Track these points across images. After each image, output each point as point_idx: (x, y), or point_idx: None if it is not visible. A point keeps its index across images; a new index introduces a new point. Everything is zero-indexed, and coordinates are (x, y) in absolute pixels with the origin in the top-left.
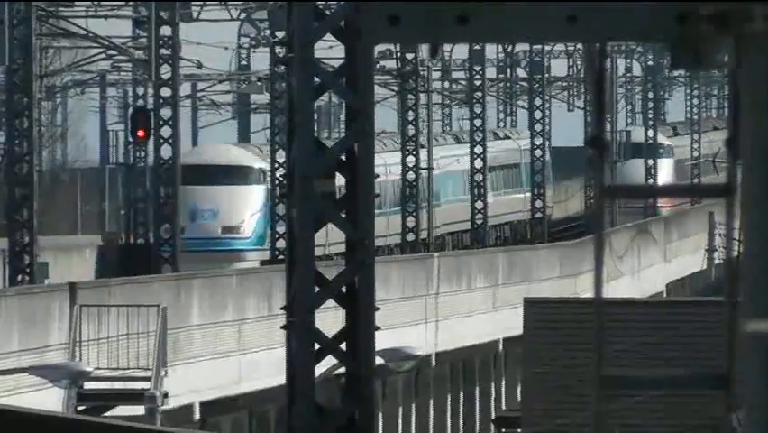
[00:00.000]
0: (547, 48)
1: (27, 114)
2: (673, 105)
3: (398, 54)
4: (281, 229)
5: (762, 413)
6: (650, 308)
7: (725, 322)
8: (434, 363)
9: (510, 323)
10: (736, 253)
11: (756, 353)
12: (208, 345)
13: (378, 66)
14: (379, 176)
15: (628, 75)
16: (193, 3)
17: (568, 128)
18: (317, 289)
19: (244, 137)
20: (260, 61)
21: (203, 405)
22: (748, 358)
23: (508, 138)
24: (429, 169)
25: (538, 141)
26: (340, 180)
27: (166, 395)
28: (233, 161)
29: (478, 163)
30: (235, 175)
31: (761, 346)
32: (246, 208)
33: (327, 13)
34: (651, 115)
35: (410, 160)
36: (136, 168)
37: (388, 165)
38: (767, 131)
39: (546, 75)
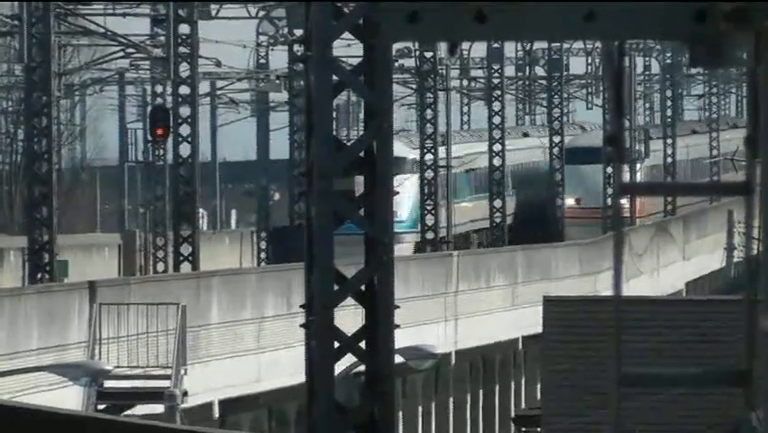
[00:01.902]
0: (566, 46)
1: (46, 112)
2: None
3: (417, 52)
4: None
5: None
6: (669, 306)
7: (744, 320)
8: (453, 361)
9: (530, 321)
10: (755, 252)
11: None
12: (227, 344)
13: (396, 64)
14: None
15: (647, 73)
16: (211, 0)
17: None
18: (336, 287)
19: (263, 135)
20: (279, 59)
21: (222, 403)
22: (766, 356)
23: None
24: (448, 167)
25: (557, 139)
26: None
27: (185, 393)
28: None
29: (497, 161)
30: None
31: None
32: (402, 195)
33: (346, 11)
34: (669, 114)
35: (429, 157)
36: (155, 166)
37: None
38: None
39: (565, 73)
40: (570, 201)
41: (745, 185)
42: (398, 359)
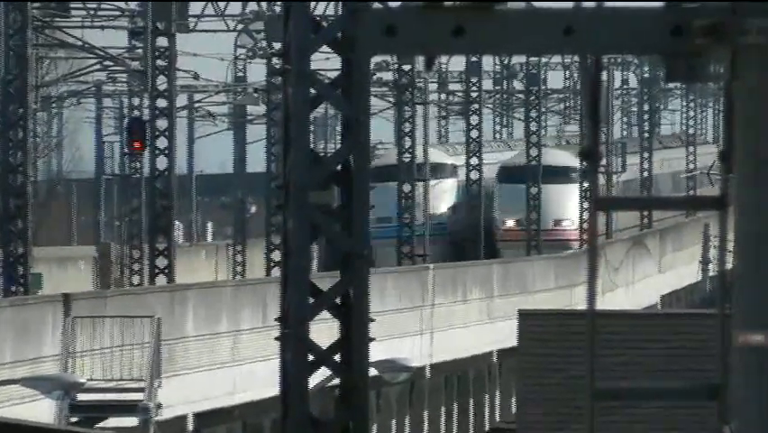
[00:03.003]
0: (544, 60)
1: (22, 124)
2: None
3: (395, 66)
4: None
5: (754, 424)
6: (644, 319)
7: (718, 335)
8: (428, 374)
9: (505, 335)
10: (728, 266)
11: (748, 365)
12: (203, 357)
13: (374, 78)
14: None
15: (625, 87)
16: (190, 13)
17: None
18: (312, 300)
19: (240, 148)
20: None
21: (197, 416)
22: (740, 370)
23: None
24: (426, 180)
25: (534, 152)
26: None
27: (159, 406)
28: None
29: (474, 175)
30: (438, 171)
31: (752, 358)
32: (442, 198)
33: (324, 24)
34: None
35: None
36: (132, 179)
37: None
38: (759, 144)
39: (543, 87)
40: (510, 222)
41: (719, 199)
42: (373, 372)
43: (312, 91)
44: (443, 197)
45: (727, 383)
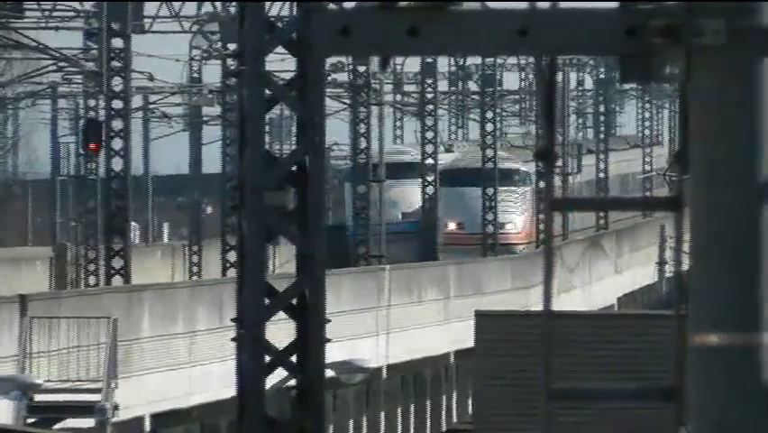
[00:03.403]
0: (499, 61)
1: None
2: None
3: (350, 67)
4: None
5: (710, 426)
6: (601, 320)
7: (674, 336)
8: (385, 375)
9: (462, 336)
10: (684, 267)
11: (703, 366)
12: (159, 357)
13: (330, 79)
14: None
15: (580, 88)
16: (145, 14)
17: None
18: (268, 301)
19: (196, 149)
20: (212, 74)
21: (154, 417)
22: (696, 371)
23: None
24: (380, 180)
25: (489, 153)
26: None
27: (116, 407)
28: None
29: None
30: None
31: (708, 359)
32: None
33: (279, 25)
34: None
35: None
36: (87, 180)
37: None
38: (714, 145)
39: (498, 88)
40: (451, 225)
41: (674, 200)
42: (330, 373)
43: (267, 92)
44: (413, 196)
45: (683, 385)
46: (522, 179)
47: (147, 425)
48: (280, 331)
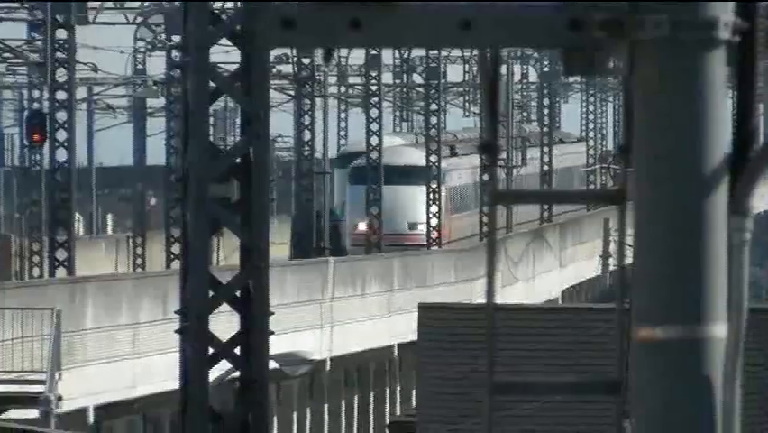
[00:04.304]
0: (443, 54)
1: None
2: (570, 113)
3: (295, 59)
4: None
5: (652, 420)
6: (544, 313)
7: (616, 329)
8: (328, 367)
9: (405, 328)
10: (628, 260)
11: (646, 360)
12: (103, 349)
13: (274, 71)
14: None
15: (524, 81)
16: (89, 5)
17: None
18: (211, 293)
19: (140, 141)
20: (157, 65)
21: (97, 409)
22: (639, 365)
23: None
24: (326, 173)
25: (434, 146)
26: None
27: (60, 398)
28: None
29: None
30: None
31: (650, 353)
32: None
33: (223, 17)
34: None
35: (306, 165)
36: (31, 171)
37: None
38: (657, 139)
39: (443, 81)
40: (362, 225)
41: (617, 193)
42: (273, 365)
43: (211, 84)
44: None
45: (626, 378)
46: (427, 176)
47: (91, 416)
48: (223, 323)
